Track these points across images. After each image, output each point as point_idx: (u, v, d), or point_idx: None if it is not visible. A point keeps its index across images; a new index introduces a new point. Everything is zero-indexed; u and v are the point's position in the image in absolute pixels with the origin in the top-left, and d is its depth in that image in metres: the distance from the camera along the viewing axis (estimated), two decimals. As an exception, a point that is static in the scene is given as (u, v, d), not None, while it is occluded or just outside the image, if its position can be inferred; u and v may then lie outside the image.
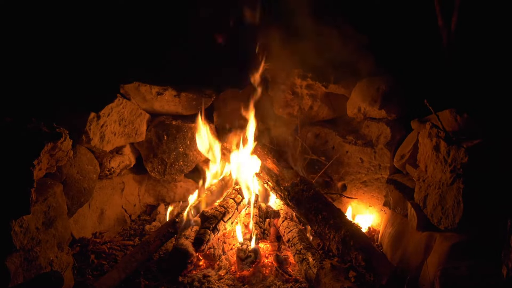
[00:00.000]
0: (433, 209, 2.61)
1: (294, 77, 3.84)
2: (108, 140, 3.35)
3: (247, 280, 2.89)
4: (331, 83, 3.75)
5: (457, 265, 2.30)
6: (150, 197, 4.15)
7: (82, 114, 3.12)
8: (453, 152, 2.44)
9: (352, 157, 3.71)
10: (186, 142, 3.92)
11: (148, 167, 3.92)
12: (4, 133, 2.33)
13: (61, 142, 2.48)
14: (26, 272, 2.31)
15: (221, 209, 3.19)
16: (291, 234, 3.14)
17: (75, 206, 3.08)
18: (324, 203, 3.04)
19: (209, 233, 3.01)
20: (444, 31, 3.25)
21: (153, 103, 3.72)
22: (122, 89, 3.58)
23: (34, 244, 2.37)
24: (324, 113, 3.98)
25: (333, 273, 2.54)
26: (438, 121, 2.59)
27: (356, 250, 2.64)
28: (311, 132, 4.02)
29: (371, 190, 3.62)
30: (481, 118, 2.62)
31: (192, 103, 3.86)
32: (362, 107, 3.56)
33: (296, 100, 3.93)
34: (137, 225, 3.79)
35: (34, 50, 3.41)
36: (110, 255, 3.17)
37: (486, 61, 3.07)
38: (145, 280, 2.83)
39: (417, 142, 2.91)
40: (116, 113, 3.39)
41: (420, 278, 2.57)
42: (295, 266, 3.05)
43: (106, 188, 3.66)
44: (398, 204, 3.13)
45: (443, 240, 2.49)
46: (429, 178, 2.69)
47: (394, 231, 3.09)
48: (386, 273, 2.50)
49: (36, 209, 2.39)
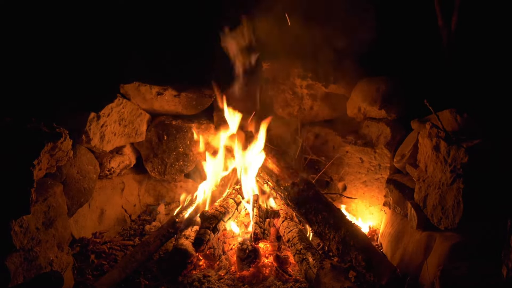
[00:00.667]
0: (433, 209, 2.61)
1: (294, 77, 3.85)
2: (108, 140, 3.35)
3: (247, 280, 2.89)
4: (331, 83, 3.75)
5: (457, 265, 2.30)
6: (150, 197, 4.15)
7: (82, 114, 3.12)
8: (453, 152, 2.44)
9: (352, 157, 3.71)
10: (186, 142, 3.92)
11: (148, 167, 3.92)
12: (4, 133, 2.33)
13: (61, 142, 2.48)
14: (26, 272, 2.31)
15: (221, 209, 3.19)
16: (291, 234, 3.14)
17: (75, 206, 3.08)
18: (324, 203, 3.04)
19: (209, 233, 3.01)
20: (444, 31, 3.25)
21: (153, 103, 3.72)
22: (122, 89, 3.59)
23: (34, 244, 2.37)
24: (324, 113, 3.98)
25: (333, 273, 2.53)
26: (438, 121, 2.59)
27: (356, 250, 2.64)
28: (311, 132, 4.02)
29: (371, 190, 3.62)
30: (481, 118, 2.62)
31: (192, 103, 3.86)
32: (362, 107, 3.56)
33: (296, 100, 3.93)
34: (137, 225, 3.79)
35: (35, 50, 3.42)
36: (110, 255, 3.17)
37: (486, 61, 3.07)
38: (145, 280, 2.83)
39: (417, 142, 2.91)
40: (116, 113, 3.39)
41: (420, 278, 2.57)
42: (295, 266, 3.05)
43: (106, 188, 3.66)
44: (398, 204, 3.13)
45: (443, 240, 2.49)
46: (429, 178, 2.69)
47: (394, 231, 3.09)
48: (386, 273, 2.50)
49: (36, 209, 2.39)
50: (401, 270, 2.73)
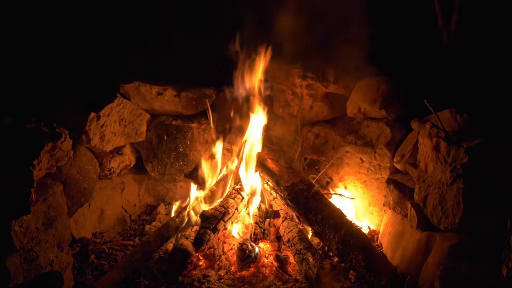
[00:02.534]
0: (433, 209, 2.61)
1: (294, 77, 3.85)
2: (108, 140, 3.35)
3: (247, 280, 2.89)
4: (331, 83, 3.75)
5: (457, 265, 2.30)
6: (150, 197, 4.14)
7: (82, 114, 3.12)
8: (453, 152, 2.44)
9: (352, 157, 3.70)
10: (186, 142, 3.92)
11: (148, 167, 3.92)
12: (4, 133, 2.33)
13: (61, 142, 2.49)
14: (26, 272, 2.31)
15: (221, 209, 3.19)
16: (291, 234, 3.14)
17: (75, 206, 3.08)
18: (324, 203, 3.04)
19: (209, 233, 3.01)
20: (444, 31, 3.25)
21: (153, 103, 3.72)
22: (122, 89, 3.59)
23: (34, 244, 2.37)
24: (324, 113, 3.98)
25: (333, 273, 2.53)
26: (438, 121, 2.59)
27: (356, 250, 2.64)
28: (311, 132, 4.02)
29: (371, 190, 3.62)
30: (481, 118, 2.62)
31: (192, 103, 3.86)
32: (362, 107, 3.56)
33: (296, 100, 3.93)
34: (137, 225, 3.79)
35: (35, 50, 3.42)
36: (110, 255, 3.17)
37: (486, 61, 3.07)
38: (145, 280, 2.83)
39: (417, 142, 2.91)
40: (116, 113, 3.39)
41: (420, 278, 2.56)
42: (295, 266, 3.05)
43: (106, 188, 3.66)
44: (398, 204, 3.13)
45: (443, 240, 2.49)
46: (429, 178, 2.69)
47: (394, 231, 3.09)
48: (386, 273, 2.50)
49: (36, 209, 2.39)
50: (401, 270, 2.73)
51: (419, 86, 3.22)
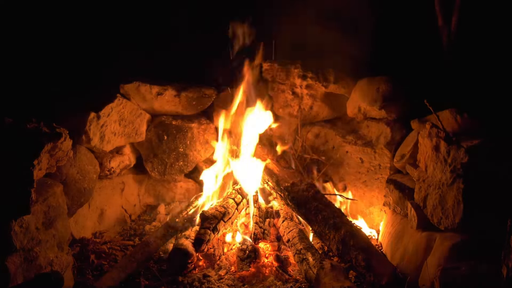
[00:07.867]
0: (433, 209, 2.61)
1: (294, 77, 3.85)
2: (108, 140, 3.35)
3: (247, 280, 2.89)
4: (331, 83, 3.75)
5: (457, 265, 2.30)
6: (150, 197, 4.15)
7: (82, 114, 3.12)
8: (453, 152, 2.44)
9: (352, 157, 3.70)
10: (186, 142, 3.92)
11: (148, 167, 3.92)
12: (4, 133, 2.33)
13: (61, 142, 2.48)
14: (26, 272, 2.31)
15: (221, 209, 3.20)
16: (291, 234, 3.14)
17: (75, 206, 3.08)
18: (324, 203, 3.03)
19: (209, 233, 3.01)
20: (444, 31, 3.25)
21: (153, 103, 3.72)
22: (122, 89, 3.59)
23: (34, 244, 2.37)
24: (324, 113, 3.98)
25: (333, 273, 2.53)
26: (438, 121, 2.59)
27: (356, 250, 2.64)
28: (311, 132, 4.02)
29: (371, 190, 3.62)
30: (481, 118, 2.62)
31: (192, 103, 3.86)
32: (362, 107, 3.56)
33: (296, 100, 3.94)
34: (137, 225, 3.79)
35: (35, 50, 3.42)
36: (110, 255, 3.17)
37: (486, 61, 3.07)
38: (145, 280, 2.83)
39: (417, 142, 2.91)
40: (116, 113, 3.39)
41: (420, 278, 2.57)
42: (295, 266, 3.05)
43: (106, 188, 3.66)
44: (398, 204, 3.13)
45: (443, 240, 2.49)
46: (429, 178, 2.69)
47: (394, 231, 3.09)
48: (386, 273, 2.49)
49: (36, 209, 2.39)
50: (401, 270, 2.74)
51: (419, 86, 3.22)
